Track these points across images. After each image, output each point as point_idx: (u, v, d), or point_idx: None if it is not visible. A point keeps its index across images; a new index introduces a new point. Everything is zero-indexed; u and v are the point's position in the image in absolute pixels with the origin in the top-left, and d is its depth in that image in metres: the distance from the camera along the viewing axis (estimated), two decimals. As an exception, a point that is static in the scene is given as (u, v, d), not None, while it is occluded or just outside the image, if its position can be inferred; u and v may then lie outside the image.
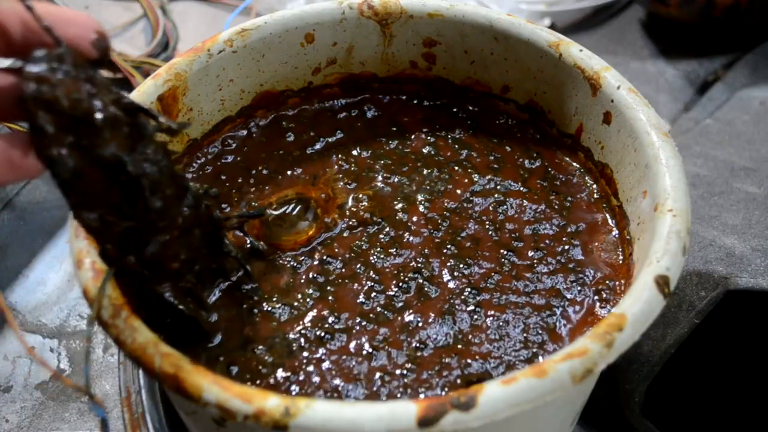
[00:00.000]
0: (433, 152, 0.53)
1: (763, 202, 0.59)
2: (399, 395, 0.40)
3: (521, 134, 0.54)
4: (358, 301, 0.44)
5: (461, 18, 0.52)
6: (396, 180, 0.51)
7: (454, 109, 0.55)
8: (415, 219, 0.48)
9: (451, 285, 0.45)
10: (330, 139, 0.53)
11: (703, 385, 0.59)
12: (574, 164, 0.52)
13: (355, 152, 0.52)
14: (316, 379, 0.41)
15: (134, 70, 0.79)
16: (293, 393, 0.40)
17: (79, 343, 0.63)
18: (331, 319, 0.43)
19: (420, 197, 0.49)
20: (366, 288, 0.45)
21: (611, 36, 0.88)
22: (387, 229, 0.48)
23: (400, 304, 0.44)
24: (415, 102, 0.56)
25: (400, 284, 0.45)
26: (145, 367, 0.35)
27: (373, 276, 0.45)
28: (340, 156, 0.52)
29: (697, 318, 0.50)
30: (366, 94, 0.56)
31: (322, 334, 0.43)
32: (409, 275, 0.45)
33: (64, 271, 0.67)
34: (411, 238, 0.47)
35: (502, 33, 0.51)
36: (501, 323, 0.43)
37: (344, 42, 0.53)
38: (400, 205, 0.49)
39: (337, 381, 0.41)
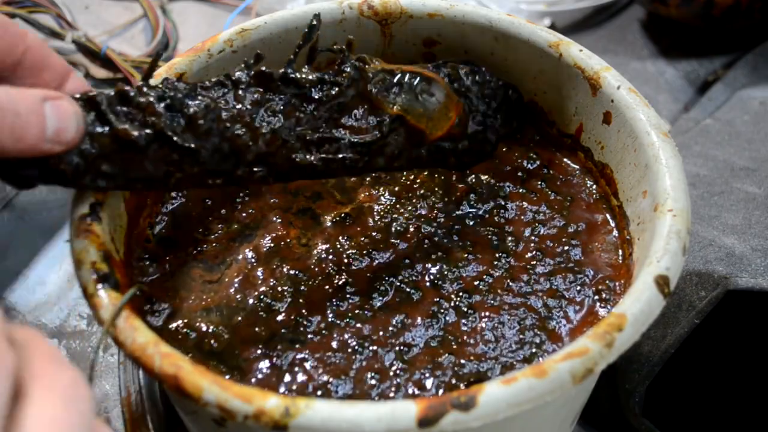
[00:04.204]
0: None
1: (763, 202, 0.59)
2: (392, 395, 0.40)
3: (521, 134, 0.54)
4: (335, 301, 0.44)
5: (461, 18, 0.52)
6: (392, 186, 0.50)
7: (454, 109, 0.55)
8: (407, 222, 0.48)
9: (443, 286, 0.45)
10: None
11: (703, 385, 0.59)
12: (574, 165, 0.51)
13: None
14: (307, 374, 0.41)
15: (134, 70, 0.79)
16: (281, 386, 0.40)
17: (79, 343, 0.63)
18: (320, 317, 0.43)
19: (415, 201, 0.49)
20: (346, 289, 0.44)
21: (611, 36, 0.88)
22: (375, 232, 0.48)
23: (379, 304, 0.44)
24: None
25: (382, 286, 0.45)
26: (145, 367, 0.35)
27: (349, 279, 0.45)
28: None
29: (697, 318, 0.50)
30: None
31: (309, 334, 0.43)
32: (397, 277, 0.45)
33: (64, 271, 0.67)
34: (399, 241, 0.47)
35: (502, 33, 0.51)
36: (496, 324, 0.43)
37: (344, 42, 0.53)
38: (391, 209, 0.49)
39: (325, 378, 0.41)
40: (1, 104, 0.34)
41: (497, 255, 0.46)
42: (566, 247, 0.47)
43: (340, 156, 0.42)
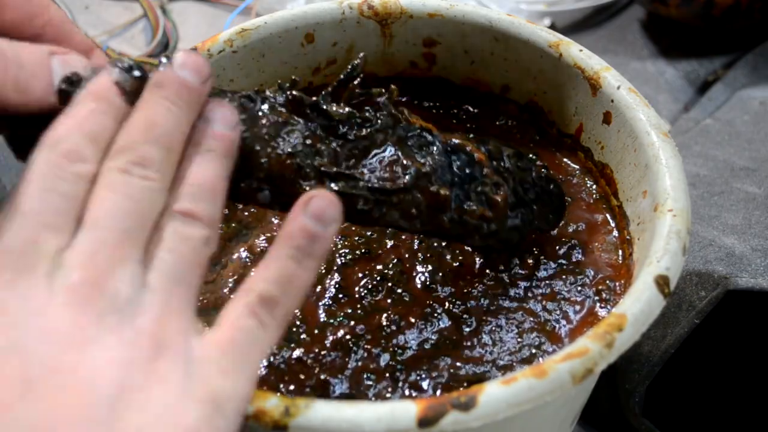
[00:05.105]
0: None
1: (763, 202, 0.59)
2: (388, 395, 0.40)
3: (521, 135, 0.54)
4: (329, 299, 0.44)
5: (461, 18, 0.52)
6: None
7: (454, 110, 0.55)
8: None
9: (437, 289, 0.45)
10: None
11: (703, 385, 0.59)
12: (574, 165, 0.51)
13: None
14: (302, 373, 0.41)
15: (134, 70, 0.79)
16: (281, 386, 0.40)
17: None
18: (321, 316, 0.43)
19: None
20: (339, 288, 0.44)
21: (611, 36, 0.88)
22: (369, 231, 0.47)
23: (372, 304, 0.44)
24: (415, 103, 0.56)
25: (375, 287, 0.45)
26: (145, 367, 0.35)
27: (341, 278, 0.45)
28: None
29: (697, 318, 0.50)
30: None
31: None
32: (392, 278, 0.45)
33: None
34: (394, 242, 0.47)
35: (502, 33, 0.51)
36: (494, 327, 0.43)
37: (344, 42, 0.53)
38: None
39: (321, 377, 0.41)
40: (4, 54, 0.33)
41: (495, 257, 0.46)
42: (566, 248, 0.47)
43: (354, 192, 0.39)
